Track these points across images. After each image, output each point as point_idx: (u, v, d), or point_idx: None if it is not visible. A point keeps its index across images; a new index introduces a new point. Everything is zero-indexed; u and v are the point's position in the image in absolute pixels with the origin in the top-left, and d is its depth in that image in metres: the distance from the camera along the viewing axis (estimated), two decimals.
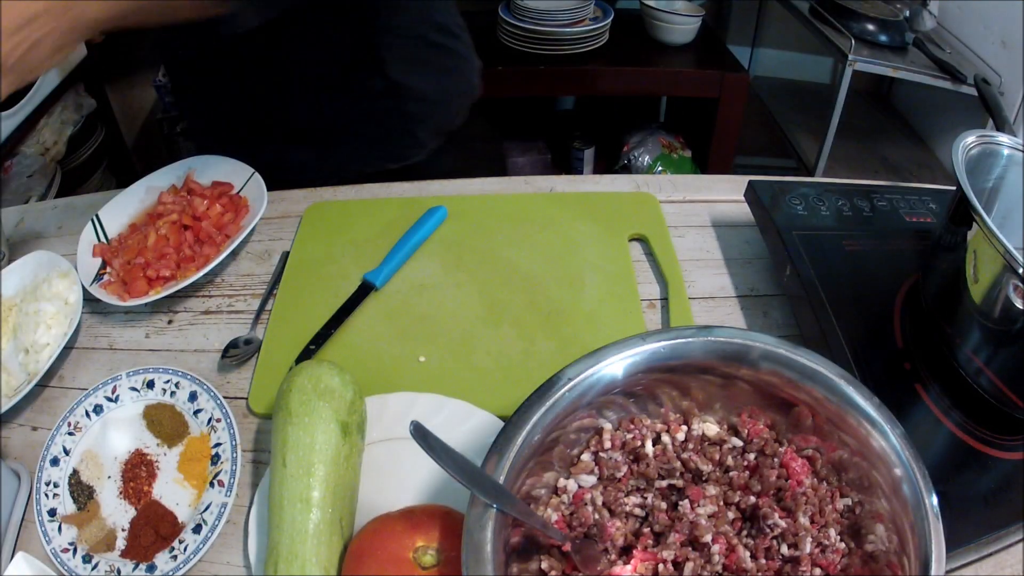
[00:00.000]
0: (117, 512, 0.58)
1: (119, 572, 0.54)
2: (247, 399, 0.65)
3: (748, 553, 0.45)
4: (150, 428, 0.63)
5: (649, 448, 0.50)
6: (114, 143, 1.97)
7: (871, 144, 1.91)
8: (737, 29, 2.18)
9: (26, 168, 1.57)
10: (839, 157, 1.78)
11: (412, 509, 0.51)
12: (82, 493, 0.59)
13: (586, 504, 0.47)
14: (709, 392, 0.52)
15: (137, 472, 0.60)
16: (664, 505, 0.48)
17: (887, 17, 1.65)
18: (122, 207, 0.83)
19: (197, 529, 0.55)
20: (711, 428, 0.52)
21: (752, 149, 2.23)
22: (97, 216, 0.81)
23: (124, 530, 0.57)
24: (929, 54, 1.62)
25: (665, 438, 0.51)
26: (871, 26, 1.64)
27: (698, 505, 0.47)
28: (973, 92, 1.51)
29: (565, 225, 0.82)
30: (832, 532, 0.46)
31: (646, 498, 0.48)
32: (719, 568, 0.44)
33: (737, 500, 0.48)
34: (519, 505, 0.43)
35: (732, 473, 0.49)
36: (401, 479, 0.57)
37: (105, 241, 0.80)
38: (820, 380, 0.48)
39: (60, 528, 0.57)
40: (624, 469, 0.49)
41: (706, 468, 0.49)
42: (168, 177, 0.86)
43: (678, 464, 0.49)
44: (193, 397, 0.63)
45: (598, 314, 0.71)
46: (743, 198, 0.79)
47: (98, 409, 0.63)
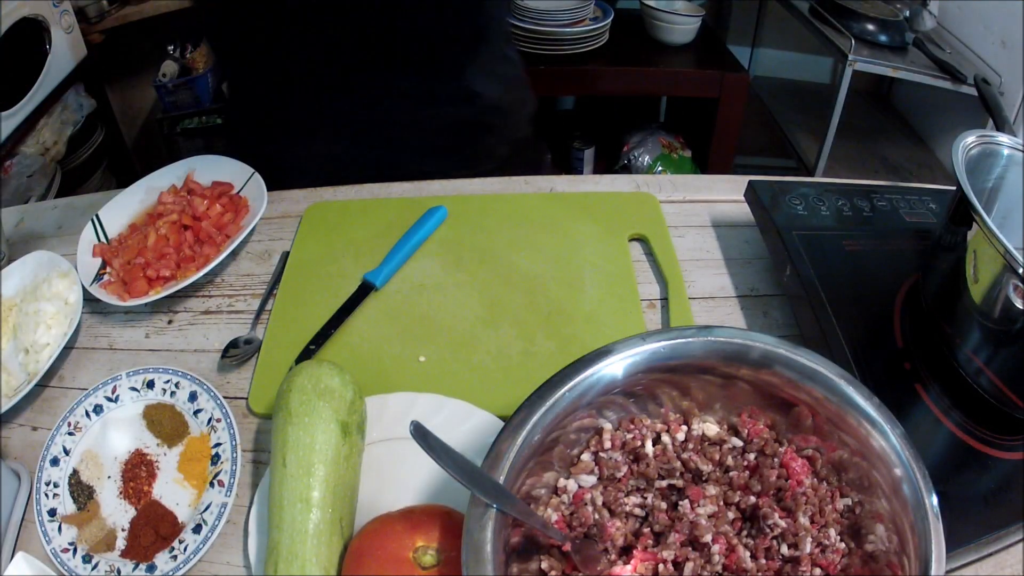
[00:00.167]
0: (117, 512, 0.58)
1: (119, 572, 0.54)
2: (247, 399, 0.65)
3: (748, 553, 0.45)
4: (150, 428, 0.63)
5: (649, 448, 0.50)
6: (114, 143, 1.97)
7: (871, 144, 1.91)
8: (737, 29, 2.18)
9: (26, 168, 1.57)
10: (839, 157, 1.78)
11: (412, 509, 0.51)
12: (82, 493, 0.59)
13: (586, 504, 0.47)
14: (709, 392, 0.52)
15: (137, 472, 0.60)
16: (664, 505, 0.48)
17: (887, 17, 1.65)
18: (122, 207, 0.83)
19: (197, 529, 0.55)
20: (711, 428, 0.52)
21: (752, 149, 2.23)
22: (97, 216, 0.81)
23: (124, 530, 0.57)
24: (929, 54, 1.61)
25: (665, 438, 0.51)
26: (871, 26, 1.64)
27: (698, 505, 0.47)
28: (973, 92, 1.51)
29: (565, 225, 0.82)
30: (832, 532, 0.46)
31: (646, 498, 0.48)
32: (719, 568, 0.44)
33: (737, 500, 0.48)
34: (519, 505, 0.43)
35: (732, 473, 0.49)
36: (401, 479, 0.57)
37: (105, 241, 0.80)
38: (820, 380, 0.48)
39: (60, 528, 0.56)
40: (624, 469, 0.49)
41: (706, 468, 0.49)
42: (168, 177, 0.86)
43: (678, 464, 0.49)
44: (193, 397, 0.63)
45: (598, 314, 0.71)
46: (743, 198, 0.79)
47: (98, 409, 0.63)
